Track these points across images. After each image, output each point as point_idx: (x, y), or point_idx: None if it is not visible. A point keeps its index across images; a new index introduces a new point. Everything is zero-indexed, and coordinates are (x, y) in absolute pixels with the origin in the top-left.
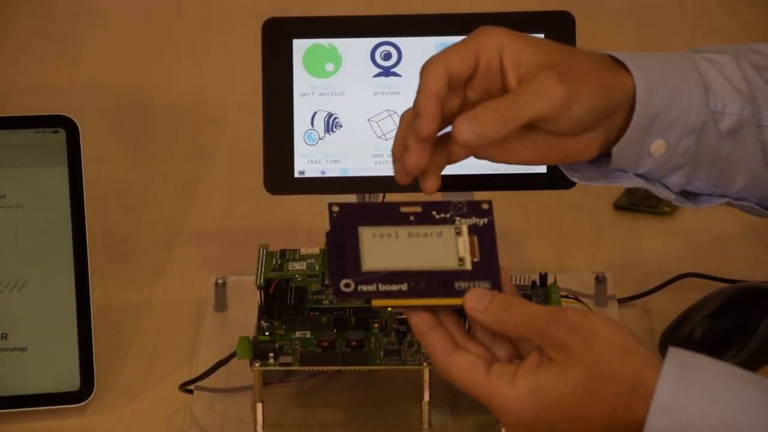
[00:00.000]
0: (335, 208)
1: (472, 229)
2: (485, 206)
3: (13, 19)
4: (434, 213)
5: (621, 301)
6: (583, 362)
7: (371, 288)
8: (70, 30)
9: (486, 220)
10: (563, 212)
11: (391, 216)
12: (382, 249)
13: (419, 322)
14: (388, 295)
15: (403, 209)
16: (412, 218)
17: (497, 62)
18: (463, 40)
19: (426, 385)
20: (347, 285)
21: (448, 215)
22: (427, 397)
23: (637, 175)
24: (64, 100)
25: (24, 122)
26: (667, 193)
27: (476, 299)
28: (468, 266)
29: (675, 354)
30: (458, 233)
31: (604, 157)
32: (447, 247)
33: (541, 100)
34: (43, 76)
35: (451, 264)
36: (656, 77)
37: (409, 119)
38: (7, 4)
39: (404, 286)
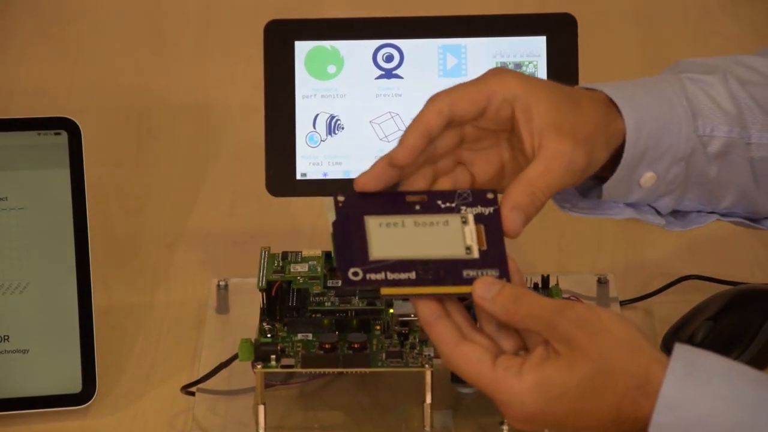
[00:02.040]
0: (340, 198)
1: (478, 219)
2: (490, 195)
3: (15, 21)
4: (439, 202)
5: (623, 303)
6: (590, 357)
7: (380, 276)
8: (71, 32)
9: (491, 209)
10: (565, 214)
11: (396, 205)
12: (389, 238)
13: (427, 311)
14: (397, 283)
15: (409, 198)
16: (417, 207)
17: (508, 111)
18: (474, 81)
19: (428, 387)
20: (355, 273)
21: (453, 204)
22: (429, 400)
23: (626, 204)
24: (66, 102)
25: (26, 124)
26: (658, 219)
27: (485, 288)
28: (476, 254)
29: (681, 351)
30: (464, 222)
31: (594, 188)
32: (454, 236)
33: (570, 175)
34: (45, 78)
35: (458, 252)
36: (645, 112)
37: None
38: (9, 6)
39: (412, 275)
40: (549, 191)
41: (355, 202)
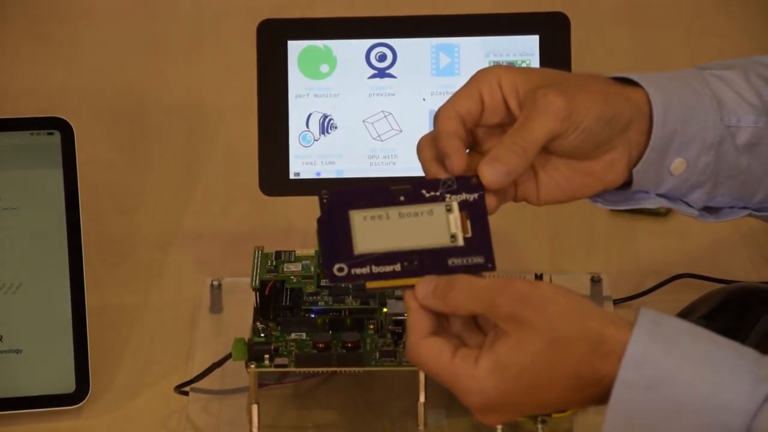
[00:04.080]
0: (325, 194)
1: (463, 205)
2: (475, 180)
3: (8, 22)
4: (424, 191)
5: (616, 302)
6: (539, 330)
7: (364, 271)
8: (65, 32)
9: (476, 195)
10: (559, 213)
11: (381, 197)
12: (374, 231)
13: (410, 299)
14: (382, 276)
15: (394, 189)
16: (402, 198)
17: (499, 95)
18: (464, 83)
19: (422, 386)
20: (340, 269)
21: (437, 193)
22: (422, 399)
23: (659, 195)
24: (59, 102)
25: (19, 124)
26: (690, 210)
27: (424, 287)
28: (460, 242)
29: (647, 313)
30: (449, 210)
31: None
32: (438, 225)
33: (547, 117)
34: (38, 78)
35: (443, 241)
36: (670, 95)
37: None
38: (2, 7)
39: (397, 267)
40: (529, 137)
41: (340, 198)
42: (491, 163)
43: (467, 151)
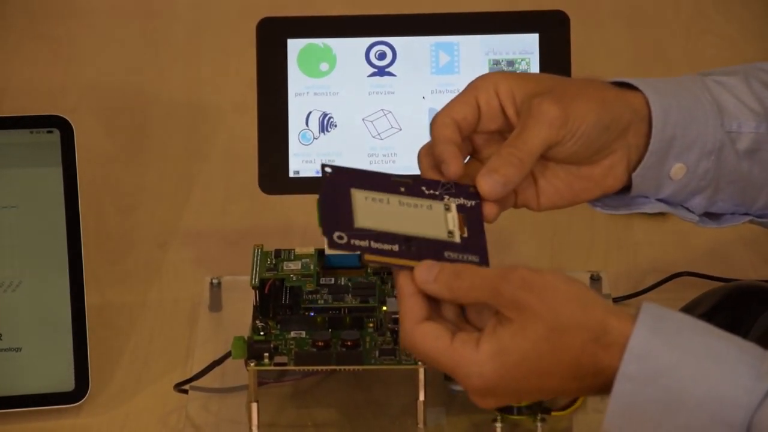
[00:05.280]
0: (328, 170)
1: (460, 209)
2: (472, 190)
3: (7, 20)
4: (424, 188)
5: (616, 301)
6: (541, 317)
7: (363, 243)
8: (64, 30)
9: (474, 202)
10: (558, 211)
11: (381, 184)
12: (375, 211)
13: (406, 283)
14: (380, 252)
15: (394, 179)
16: (402, 189)
17: (496, 102)
18: (462, 90)
19: (421, 384)
20: (340, 237)
21: (437, 192)
22: (422, 397)
23: (658, 200)
24: (59, 100)
25: (18, 122)
26: (690, 215)
27: (425, 271)
28: (457, 239)
29: (650, 307)
30: (447, 209)
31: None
32: (437, 219)
33: (543, 126)
34: (37, 76)
35: (441, 235)
36: (670, 100)
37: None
38: (3, 5)
39: (395, 247)
40: (525, 147)
41: (342, 176)
42: (489, 175)
43: (468, 158)
